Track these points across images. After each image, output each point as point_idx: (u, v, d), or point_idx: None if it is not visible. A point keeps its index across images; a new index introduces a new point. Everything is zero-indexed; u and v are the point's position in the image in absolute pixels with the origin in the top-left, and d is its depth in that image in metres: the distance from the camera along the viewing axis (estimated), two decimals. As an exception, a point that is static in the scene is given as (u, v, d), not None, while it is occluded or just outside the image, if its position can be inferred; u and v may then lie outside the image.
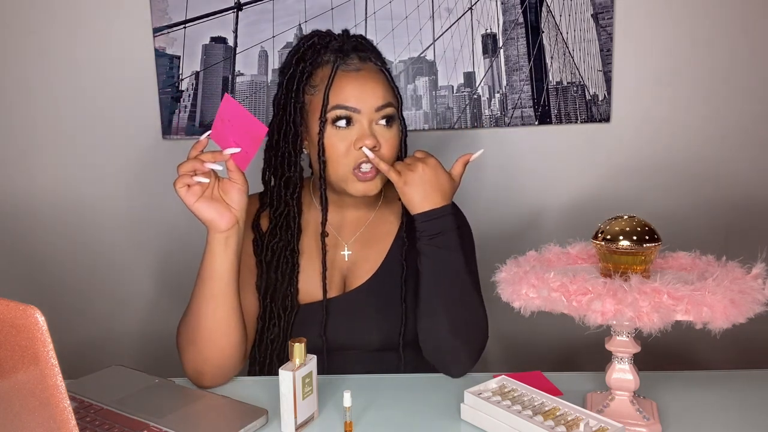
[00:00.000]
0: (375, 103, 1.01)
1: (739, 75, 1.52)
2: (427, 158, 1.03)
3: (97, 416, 0.88)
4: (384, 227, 1.13)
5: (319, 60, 1.03)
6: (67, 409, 0.53)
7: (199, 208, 0.93)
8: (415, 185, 1.00)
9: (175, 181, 0.93)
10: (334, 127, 1.02)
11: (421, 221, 1.01)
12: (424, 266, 1.01)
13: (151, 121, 1.55)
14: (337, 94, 1.01)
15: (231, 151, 0.93)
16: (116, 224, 1.60)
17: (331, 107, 1.01)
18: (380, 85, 1.03)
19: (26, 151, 1.58)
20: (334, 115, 1.01)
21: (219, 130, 0.94)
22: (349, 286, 1.10)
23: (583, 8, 1.50)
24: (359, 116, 1.01)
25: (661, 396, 0.93)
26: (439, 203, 1.01)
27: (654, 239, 0.83)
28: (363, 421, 0.88)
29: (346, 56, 1.03)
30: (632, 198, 1.56)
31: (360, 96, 1.01)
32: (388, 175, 1.02)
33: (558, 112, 1.54)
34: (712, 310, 0.75)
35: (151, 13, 1.50)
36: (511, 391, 0.88)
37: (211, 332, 0.96)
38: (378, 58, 1.06)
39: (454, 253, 1.01)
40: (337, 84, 1.01)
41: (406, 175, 1.01)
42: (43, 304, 0.54)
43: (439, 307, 1.00)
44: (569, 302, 0.79)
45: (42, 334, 0.51)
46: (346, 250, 1.12)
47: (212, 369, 0.98)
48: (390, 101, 1.03)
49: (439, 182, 1.01)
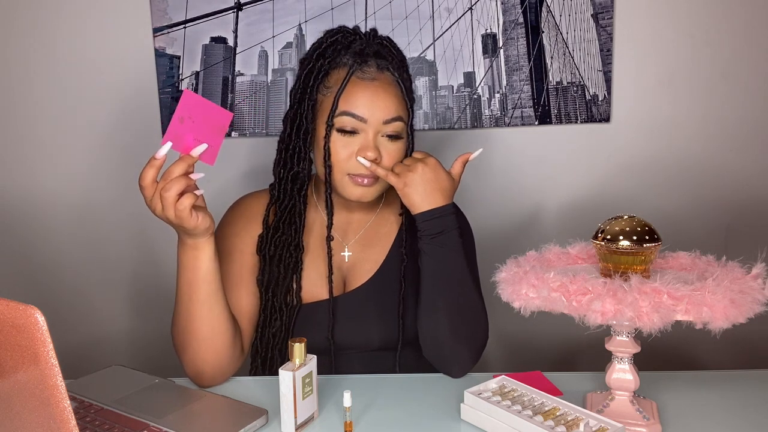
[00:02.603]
0: (384, 115, 1.01)
1: (739, 75, 1.52)
2: (426, 158, 1.03)
3: (97, 416, 0.88)
4: (384, 228, 1.13)
5: (337, 60, 1.03)
6: (67, 409, 0.53)
7: (203, 222, 0.89)
8: (415, 186, 1.00)
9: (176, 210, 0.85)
10: (339, 133, 1.02)
11: (422, 221, 1.01)
12: (425, 265, 1.01)
13: (151, 121, 1.55)
14: (346, 101, 1.00)
15: (199, 150, 0.86)
16: (116, 224, 1.60)
17: (339, 113, 1.01)
18: (392, 98, 1.02)
19: (26, 151, 1.58)
20: (340, 122, 1.01)
21: (176, 132, 0.85)
22: (349, 286, 1.10)
23: (583, 8, 1.50)
24: (365, 126, 1.01)
25: (661, 396, 0.93)
26: (439, 202, 1.01)
27: (654, 239, 0.83)
28: (363, 421, 0.88)
29: (364, 62, 1.02)
30: (632, 198, 1.56)
31: (370, 106, 1.00)
32: (387, 179, 1.02)
33: (558, 112, 1.54)
34: (712, 310, 0.75)
35: (151, 13, 1.50)
36: (511, 391, 0.88)
37: (207, 334, 0.96)
38: (397, 68, 1.04)
39: (454, 253, 1.01)
40: (348, 90, 1.01)
41: (406, 177, 1.01)
42: (43, 304, 0.54)
43: (440, 306, 1.00)
44: (569, 302, 0.79)
45: (42, 334, 0.51)
46: (347, 251, 1.12)
47: (211, 369, 0.98)
48: (400, 115, 1.02)
49: (439, 182, 1.01)
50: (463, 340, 1.00)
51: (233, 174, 1.56)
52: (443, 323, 1.00)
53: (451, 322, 1.00)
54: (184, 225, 0.87)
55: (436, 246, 1.00)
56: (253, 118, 1.55)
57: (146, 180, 0.85)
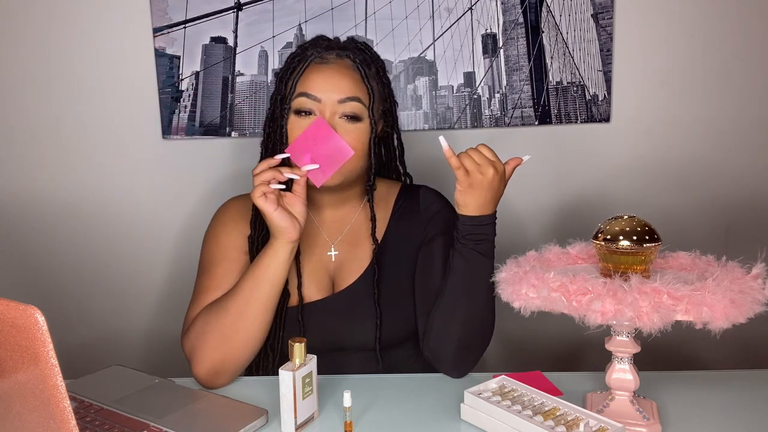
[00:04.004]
0: (338, 95, 1.02)
1: (739, 75, 1.52)
2: (497, 163, 0.97)
3: (97, 416, 0.88)
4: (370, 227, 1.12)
5: (303, 56, 1.06)
6: (67, 409, 0.53)
7: (278, 217, 0.96)
8: (480, 190, 0.96)
9: (254, 190, 0.97)
10: (296, 115, 1.03)
11: (471, 224, 0.98)
12: (458, 268, 0.99)
13: (151, 121, 1.55)
14: (303, 83, 1.03)
15: (309, 168, 0.99)
16: (116, 224, 1.60)
17: (296, 95, 1.03)
18: (348, 79, 1.03)
19: (26, 151, 1.57)
20: (297, 103, 1.02)
21: (300, 146, 0.99)
22: (337, 287, 1.10)
23: (583, 8, 1.50)
24: (321, 106, 1.02)
25: (661, 396, 0.93)
26: (490, 210, 0.99)
27: (654, 239, 0.83)
28: (363, 421, 0.88)
29: (324, 52, 1.05)
30: (632, 198, 1.56)
31: (323, 86, 1.02)
32: (456, 172, 0.97)
33: (558, 112, 1.54)
34: (712, 310, 0.75)
35: (151, 13, 1.50)
36: (511, 391, 0.88)
37: (251, 333, 0.98)
38: (359, 57, 1.05)
39: (489, 261, 0.99)
40: (305, 74, 1.03)
41: (475, 177, 0.96)
42: (43, 304, 0.54)
43: (459, 310, 0.99)
44: (569, 302, 0.79)
45: (42, 334, 0.51)
46: (333, 250, 1.11)
47: (235, 368, 1.00)
48: (357, 96, 1.02)
49: (499, 190, 0.99)
50: (471, 346, 1.01)
51: (233, 173, 1.56)
52: (456, 328, 0.99)
53: (464, 328, 0.99)
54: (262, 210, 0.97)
55: (478, 253, 0.99)
56: (253, 118, 1.55)
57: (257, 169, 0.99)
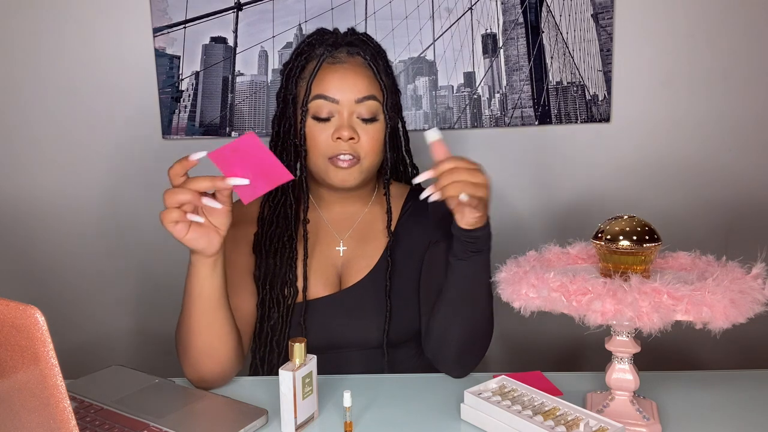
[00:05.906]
0: (355, 94, 1.02)
1: (739, 75, 1.52)
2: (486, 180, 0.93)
3: (97, 416, 0.88)
4: (379, 224, 1.13)
5: (312, 54, 1.05)
6: (67, 409, 0.53)
7: (190, 240, 0.88)
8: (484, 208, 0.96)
9: (163, 215, 0.85)
10: (315, 120, 1.03)
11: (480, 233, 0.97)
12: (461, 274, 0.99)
13: (151, 121, 1.55)
14: (318, 85, 1.02)
15: (237, 182, 0.85)
16: (116, 223, 1.60)
17: (312, 97, 1.02)
18: (363, 78, 1.03)
19: (26, 151, 1.58)
20: (315, 106, 1.02)
21: (226, 156, 0.85)
22: (345, 283, 1.10)
23: (583, 8, 1.50)
24: (339, 107, 1.02)
25: (661, 396, 0.93)
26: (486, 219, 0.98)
27: (654, 239, 0.83)
28: (363, 421, 0.88)
29: (334, 49, 1.04)
30: (632, 198, 1.56)
31: (340, 86, 1.02)
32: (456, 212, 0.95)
33: (558, 112, 1.54)
34: (712, 310, 0.75)
35: (151, 13, 1.50)
36: (511, 391, 0.88)
37: (207, 345, 0.95)
38: (369, 54, 1.06)
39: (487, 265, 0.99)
40: (320, 75, 1.03)
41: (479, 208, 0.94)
42: (43, 304, 0.54)
43: (461, 315, 0.99)
44: (569, 302, 0.79)
45: (42, 334, 0.51)
46: (342, 245, 1.11)
47: (212, 375, 0.98)
48: (373, 94, 1.03)
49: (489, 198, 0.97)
50: (471, 348, 1.01)
51: (233, 174, 1.56)
52: (457, 331, 0.99)
53: (465, 332, 1.00)
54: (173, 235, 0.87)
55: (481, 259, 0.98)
56: (253, 118, 1.55)
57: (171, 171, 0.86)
